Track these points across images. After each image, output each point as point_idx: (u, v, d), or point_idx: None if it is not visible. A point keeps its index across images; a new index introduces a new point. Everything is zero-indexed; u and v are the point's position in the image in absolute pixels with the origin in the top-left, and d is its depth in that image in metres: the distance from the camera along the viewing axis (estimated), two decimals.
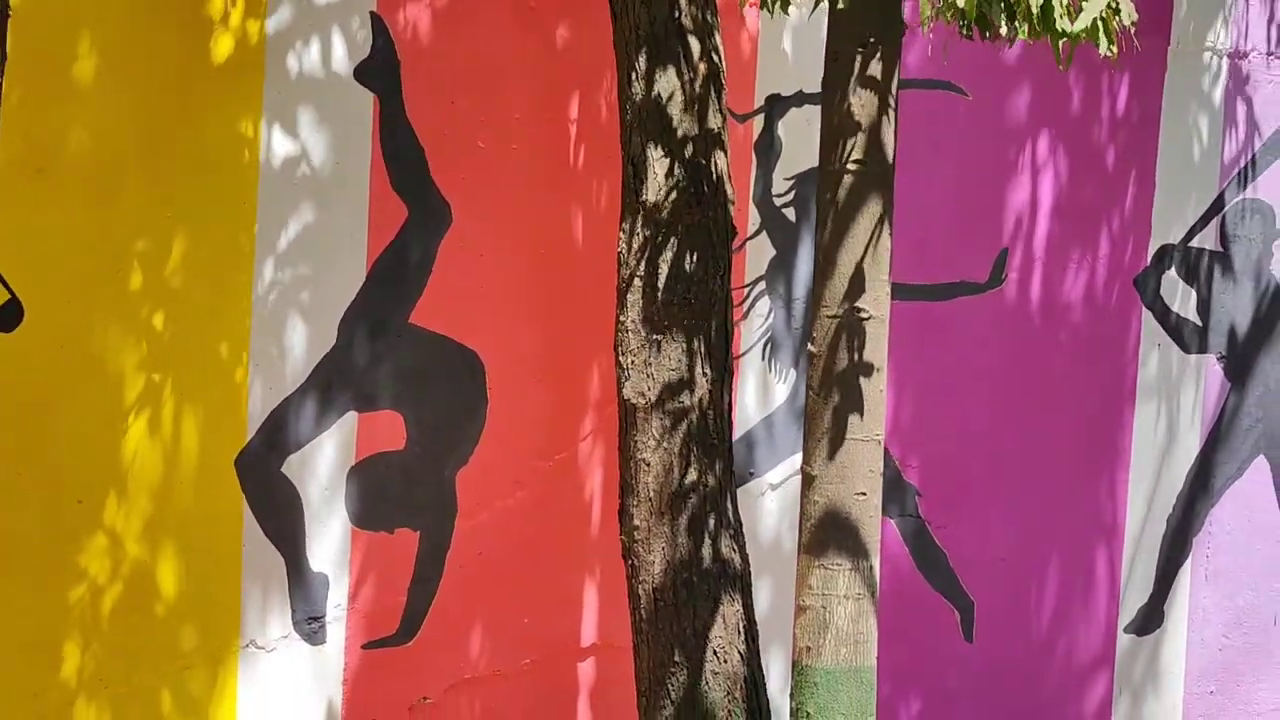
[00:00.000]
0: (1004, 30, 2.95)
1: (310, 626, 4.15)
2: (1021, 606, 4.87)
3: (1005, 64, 4.69)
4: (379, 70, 4.11)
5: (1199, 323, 5.00)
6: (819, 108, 3.32)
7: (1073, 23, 2.93)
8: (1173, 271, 4.97)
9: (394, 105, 4.13)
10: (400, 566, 4.22)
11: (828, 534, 3.11)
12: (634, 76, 3.47)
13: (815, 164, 3.36)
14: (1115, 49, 2.97)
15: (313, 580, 4.15)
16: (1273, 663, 5.15)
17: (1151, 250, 4.95)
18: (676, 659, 3.40)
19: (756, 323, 4.57)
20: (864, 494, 3.13)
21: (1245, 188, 5.03)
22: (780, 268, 4.59)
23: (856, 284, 3.12)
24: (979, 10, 2.89)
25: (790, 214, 4.58)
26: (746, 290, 4.53)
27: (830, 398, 3.13)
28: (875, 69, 3.10)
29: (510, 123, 4.23)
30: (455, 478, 4.26)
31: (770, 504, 4.60)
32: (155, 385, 3.98)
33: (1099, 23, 2.93)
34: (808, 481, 3.17)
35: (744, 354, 4.54)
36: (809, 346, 3.22)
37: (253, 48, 4.01)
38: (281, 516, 4.11)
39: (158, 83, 3.93)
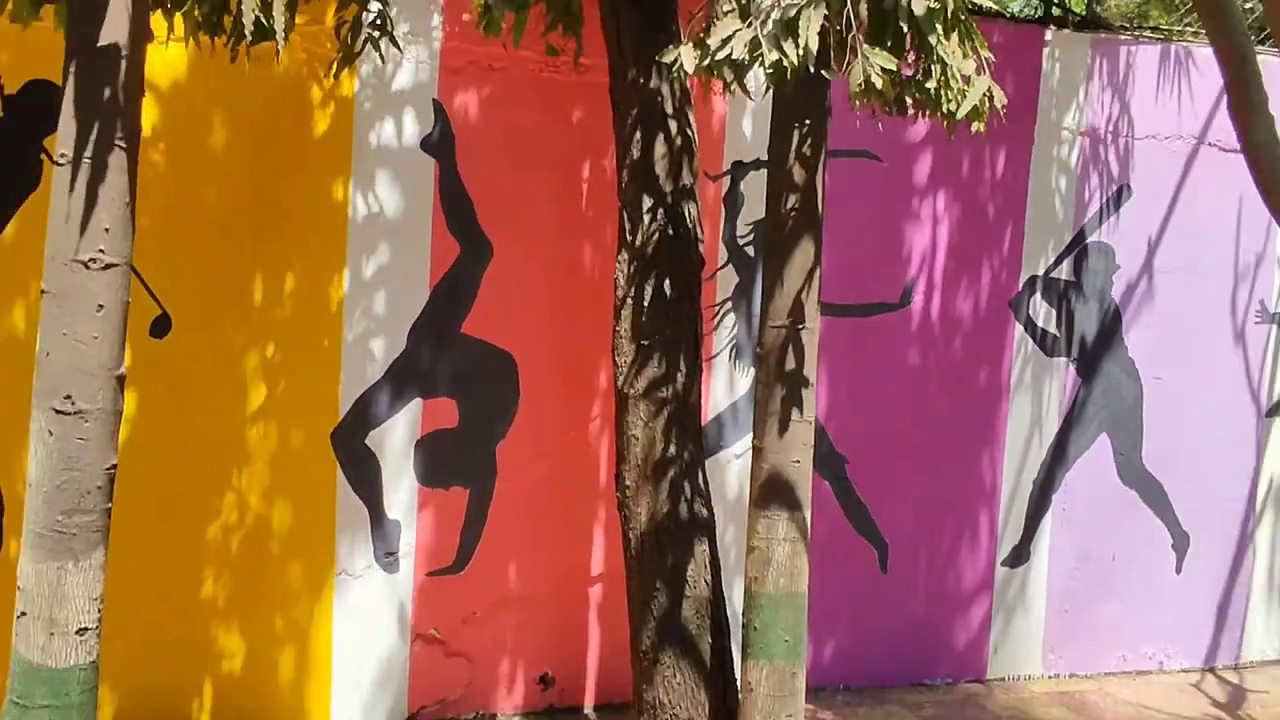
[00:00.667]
0: (910, 109, 2.93)
1: (387, 560, 4.14)
2: (924, 546, 4.86)
3: (911, 138, 4.69)
4: (438, 143, 4.11)
5: (1057, 334, 4.98)
6: None
7: (958, 107, 2.89)
8: (1038, 296, 4.95)
9: (450, 169, 4.12)
10: (454, 515, 4.22)
11: (771, 492, 3.07)
12: (629, 147, 3.50)
13: None
14: (984, 127, 2.91)
15: (389, 525, 4.14)
16: (1112, 589, 5.14)
17: (1022, 279, 4.93)
18: (658, 587, 3.42)
19: (725, 333, 4.54)
20: (799, 461, 3.08)
21: (1093, 233, 5.01)
22: (743, 292, 4.55)
23: (795, 304, 3.09)
24: (895, 94, 2.86)
25: (750, 251, 4.54)
26: (717, 308, 4.50)
27: (774, 390, 3.09)
28: (808, 142, 3.07)
29: (537, 181, 4.22)
30: (496, 449, 4.24)
31: (735, 469, 4.56)
32: (270, 379, 3.98)
33: (977, 106, 2.89)
34: (757, 453, 3.13)
35: (715, 356, 4.51)
36: (758, 350, 3.19)
37: (343, 126, 4.01)
38: (365, 478, 4.10)
39: (271, 152, 3.93)
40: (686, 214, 3.47)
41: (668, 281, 3.41)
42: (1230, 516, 5.30)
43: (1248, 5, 5.18)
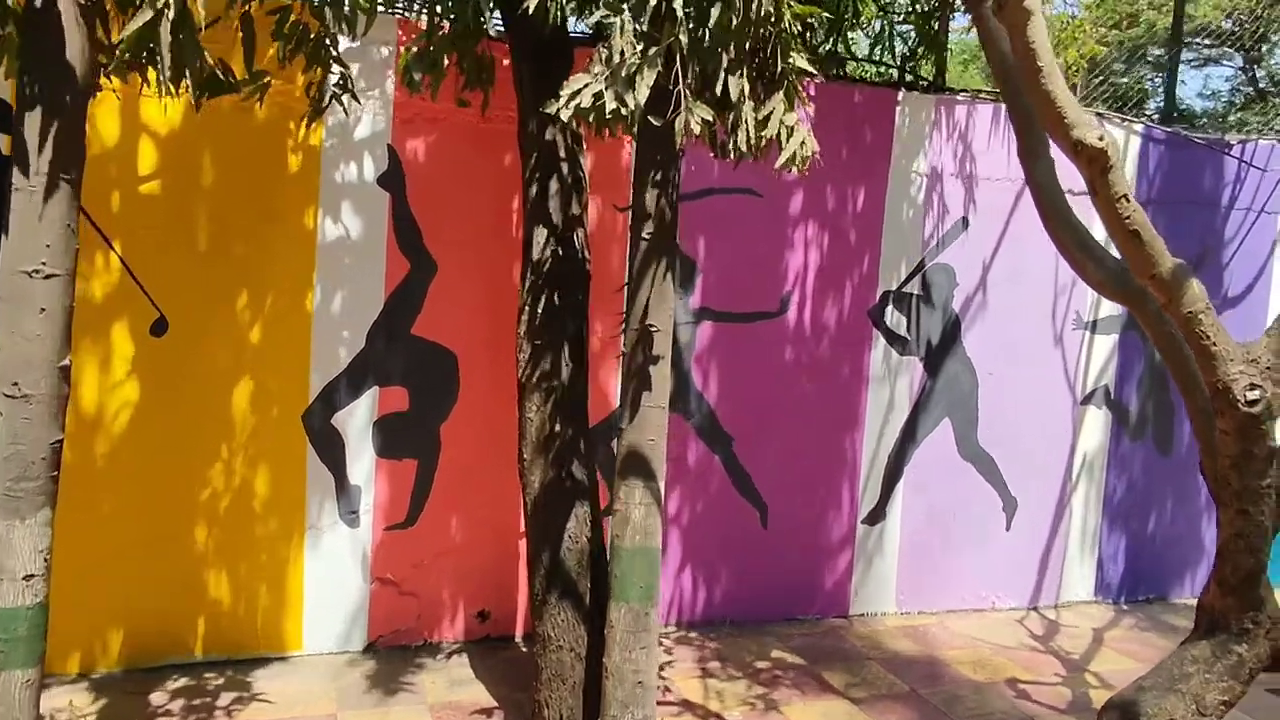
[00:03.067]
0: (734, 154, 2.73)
1: (350, 517, 4.03)
2: (798, 508, 4.71)
3: (786, 177, 4.45)
4: (391, 178, 3.99)
5: (908, 337, 4.84)
6: None
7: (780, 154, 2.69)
8: (891, 306, 4.80)
9: (401, 200, 4.00)
10: (406, 481, 4.10)
11: (629, 465, 2.94)
12: (532, 187, 3.35)
13: None
14: (805, 169, 2.69)
15: (351, 489, 4.02)
16: (951, 544, 5.00)
17: (879, 293, 4.78)
18: (549, 541, 3.27)
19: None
20: (654, 440, 2.94)
21: (937, 256, 4.85)
22: None
23: (646, 309, 2.94)
24: (718, 140, 2.72)
25: None
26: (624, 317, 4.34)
27: (631, 381, 2.96)
28: (660, 177, 2.92)
29: (472, 210, 4.10)
30: (439, 428, 4.12)
31: None
32: (252, 370, 3.86)
33: (795, 154, 2.69)
34: (619, 433, 2.99)
35: (620, 355, 4.33)
36: (622, 349, 3.04)
37: (312, 166, 3.89)
38: (331, 451, 3.98)
39: (254, 185, 3.82)
40: (575, 239, 3.31)
41: (557, 294, 3.27)
42: (1051, 484, 5.16)
43: None
